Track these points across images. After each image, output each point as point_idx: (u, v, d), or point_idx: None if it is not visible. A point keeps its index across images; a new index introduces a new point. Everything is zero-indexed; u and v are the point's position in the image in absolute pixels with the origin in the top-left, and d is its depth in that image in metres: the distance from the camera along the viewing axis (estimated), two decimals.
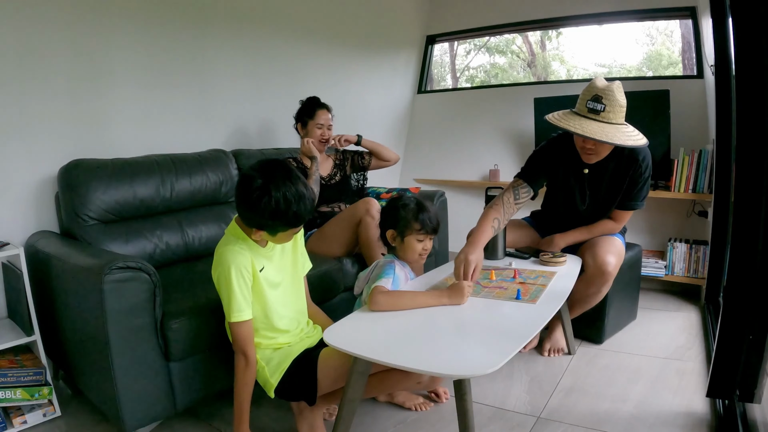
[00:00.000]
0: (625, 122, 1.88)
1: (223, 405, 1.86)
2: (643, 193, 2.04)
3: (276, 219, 1.39)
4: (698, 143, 2.84)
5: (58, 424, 1.77)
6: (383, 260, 1.74)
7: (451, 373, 1.20)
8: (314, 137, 2.55)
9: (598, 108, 1.81)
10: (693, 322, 2.53)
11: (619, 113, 1.83)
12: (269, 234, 1.45)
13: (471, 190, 3.78)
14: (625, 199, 2.05)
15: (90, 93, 2.15)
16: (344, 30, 3.41)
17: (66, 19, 2.04)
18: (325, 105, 2.61)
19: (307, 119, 2.57)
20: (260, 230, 1.44)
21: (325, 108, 2.59)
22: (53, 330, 1.83)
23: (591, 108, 1.82)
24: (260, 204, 1.36)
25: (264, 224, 1.42)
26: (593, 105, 1.82)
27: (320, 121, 2.55)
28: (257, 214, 1.39)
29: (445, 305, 1.54)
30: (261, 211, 1.37)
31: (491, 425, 1.69)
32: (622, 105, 1.83)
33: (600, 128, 1.80)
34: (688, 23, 3.17)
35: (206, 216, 2.30)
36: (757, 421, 1.51)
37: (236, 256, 1.44)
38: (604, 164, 2.01)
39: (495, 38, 7.29)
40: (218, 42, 2.64)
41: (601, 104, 1.81)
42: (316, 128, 2.55)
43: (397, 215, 1.73)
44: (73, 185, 1.92)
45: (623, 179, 2.01)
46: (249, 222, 1.45)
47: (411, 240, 1.72)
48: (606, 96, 1.81)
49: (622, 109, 1.84)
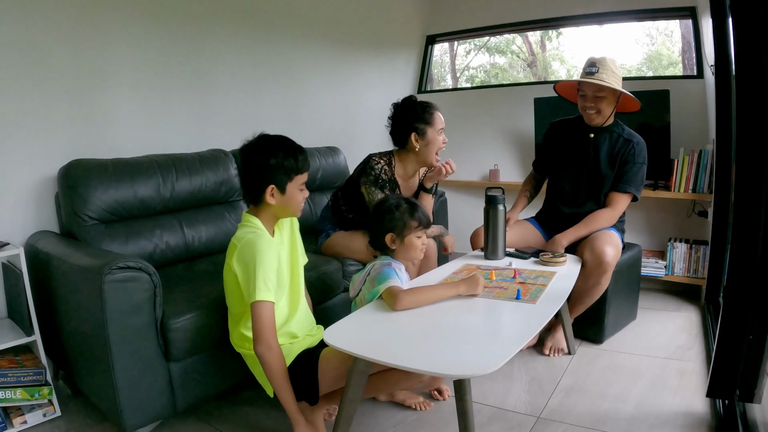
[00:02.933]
0: (620, 86, 2.13)
1: (224, 405, 1.86)
2: (637, 179, 2.18)
3: (280, 166, 1.51)
4: (698, 143, 2.84)
5: (58, 424, 1.77)
6: (379, 262, 1.73)
7: (451, 373, 1.20)
8: (435, 150, 2.15)
9: (593, 70, 2.13)
10: (693, 322, 2.53)
11: (612, 77, 2.10)
12: (279, 192, 1.53)
13: (471, 190, 3.77)
14: (618, 180, 2.19)
15: (90, 93, 2.15)
16: (344, 30, 3.41)
17: (66, 19, 2.04)
18: (433, 105, 2.20)
19: (425, 126, 2.14)
20: (268, 191, 1.51)
21: (435, 108, 2.19)
22: (53, 330, 1.83)
23: (587, 71, 2.14)
24: (265, 160, 1.50)
25: (271, 178, 1.51)
26: (589, 69, 2.14)
27: (440, 125, 2.17)
28: (264, 171, 1.51)
29: (462, 295, 1.58)
30: (265, 165, 1.50)
31: (491, 425, 1.69)
32: (614, 72, 2.11)
33: (594, 81, 2.10)
34: (688, 23, 3.17)
35: (206, 216, 2.30)
36: (757, 421, 1.51)
37: (263, 239, 1.50)
38: (603, 135, 2.22)
39: (495, 38, 7.29)
40: (218, 42, 2.64)
41: (595, 67, 2.12)
42: (438, 135, 2.15)
43: (393, 218, 1.72)
44: (73, 185, 1.92)
45: (616, 157, 2.19)
46: (257, 184, 1.52)
47: (411, 239, 1.73)
48: (599, 62, 2.13)
49: (614, 75, 2.11)
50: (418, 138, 2.16)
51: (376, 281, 1.62)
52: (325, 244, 2.32)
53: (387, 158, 2.24)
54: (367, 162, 2.23)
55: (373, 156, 2.24)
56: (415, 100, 2.23)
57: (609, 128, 2.21)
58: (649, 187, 2.88)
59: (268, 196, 1.53)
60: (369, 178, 2.18)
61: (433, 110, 2.18)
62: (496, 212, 2.03)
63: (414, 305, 1.51)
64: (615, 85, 2.10)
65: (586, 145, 2.24)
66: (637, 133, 2.21)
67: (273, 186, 1.53)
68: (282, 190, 1.54)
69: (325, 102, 3.32)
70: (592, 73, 2.11)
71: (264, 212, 1.58)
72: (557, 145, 2.35)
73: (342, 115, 3.46)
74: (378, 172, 2.18)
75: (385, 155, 2.26)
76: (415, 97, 2.25)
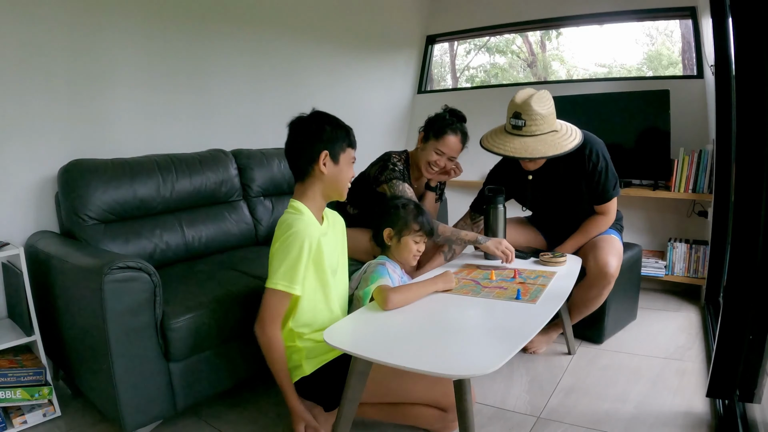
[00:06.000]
0: (554, 128, 1.92)
1: (224, 405, 1.86)
2: (609, 184, 2.04)
3: (334, 134, 1.52)
4: (698, 143, 2.84)
5: (58, 424, 1.77)
6: (375, 261, 1.74)
7: (451, 373, 1.20)
8: (424, 160, 2.15)
9: (519, 124, 1.89)
10: (693, 322, 2.53)
11: (542, 123, 1.88)
12: (332, 161, 1.52)
13: (471, 190, 3.76)
14: (594, 198, 2.08)
15: (90, 93, 2.15)
16: (344, 30, 3.41)
17: (66, 19, 2.04)
18: (462, 128, 2.14)
19: (432, 136, 2.13)
20: (322, 157, 1.50)
21: (459, 133, 2.12)
22: (53, 330, 1.83)
23: (514, 125, 1.91)
24: (321, 126, 1.52)
25: (326, 144, 1.51)
26: (515, 122, 1.90)
27: (444, 148, 2.11)
28: (320, 136, 1.51)
29: (439, 291, 1.62)
30: (322, 131, 1.51)
31: (491, 425, 1.69)
32: (542, 114, 1.88)
33: (522, 144, 1.88)
34: (688, 23, 3.17)
35: (206, 216, 2.30)
36: (757, 421, 1.51)
37: (308, 226, 1.48)
38: (550, 168, 2.07)
39: (495, 38, 7.29)
40: (218, 42, 2.64)
41: (521, 120, 1.88)
42: (435, 153, 2.12)
43: (397, 214, 1.74)
44: (73, 185, 1.92)
45: (579, 178, 2.04)
46: (311, 152, 1.51)
47: (408, 240, 1.74)
48: (524, 111, 1.88)
49: (544, 118, 1.88)
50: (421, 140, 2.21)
51: (369, 280, 1.62)
52: None
53: (404, 156, 2.26)
54: (388, 159, 2.21)
55: (392, 153, 2.24)
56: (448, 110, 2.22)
57: (550, 160, 2.02)
58: (649, 187, 2.88)
59: (320, 165, 1.51)
60: (394, 174, 2.14)
61: (447, 134, 2.13)
62: (496, 212, 2.02)
63: (403, 303, 1.51)
64: (542, 149, 1.87)
65: (525, 188, 2.16)
66: (586, 134, 2.01)
67: (327, 152, 1.51)
68: (335, 159, 1.53)
69: (325, 102, 3.27)
70: (520, 127, 1.89)
71: (311, 192, 1.55)
72: (507, 190, 2.10)
73: (342, 115, 3.39)
74: (402, 168, 2.19)
75: (402, 153, 2.27)
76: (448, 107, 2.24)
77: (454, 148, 2.13)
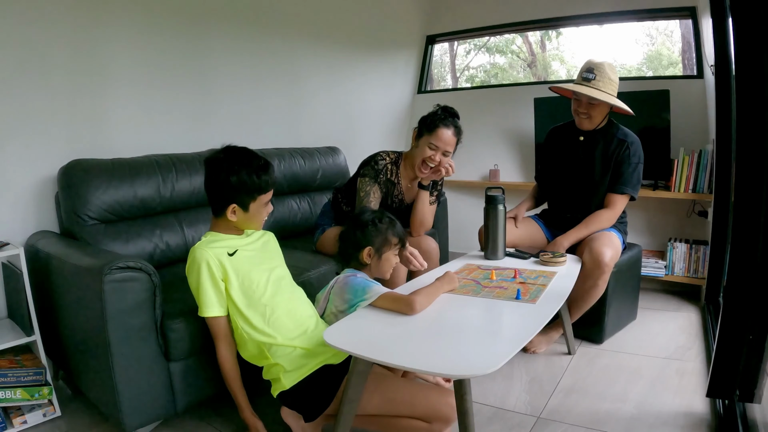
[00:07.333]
0: (614, 95, 2.13)
1: (224, 405, 1.86)
2: (633, 179, 2.17)
3: (242, 186, 1.50)
4: (698, 143, 2.84)
5: (58, 424, 1.77)
6: (342, 276, 1.65)
7: (451, 373, 1.20)
8: (419, 158, 2.10)
9: (590, 77, 2.12)
10: (693, 322, 2.53)
11: (608, 85, 2.11)
12: (242, 210, 1.53)
13: (471, 190, 3.77)
14: (614, 181, 2.18)
15: (90, 93, 2.15)
16: (344, 30, 3.41)
17: (66, 18, 2.04)
18: (455, 123, 2.11)
19: (425, 132, 2.11)
20: (230, 209, 1.52)
21: (452, 127, 2.09)
22: (53, 330, 1.83)
23: (584, 77, 2.14)
24: (227, 179, 1.49)
25: (233, 198, 1.51)
26: (586, 75, 2.13)
27: (437, 142, 2.07)
28: (227, 190, 1.51)
29: (445, 292, 1.62)
30: (227, 184, 1.49)
31: (491, 425, 1.69)
32: (611, 79, 2.12)
33: (589, 91, 2.10)
34: (688, 23, 3.17)
35: (206, 216, 2.28)
36: (757, 421, 1.51)
37: (204, 251, 1.51)
38: (595, 138, 2.23)
39: (495, 38, 7.28)
40: (218, 42, 2.64)
41: (592, 74, 2.12)
42: (428, 148, 2.08)
43: (375, 231, 1.67)
44: (73, 185, 1.92)
45: (611, 158, 2.19)
46: (220, 201, 1.53)
47: (389, 255, 1.71)
48: (597, 68, 2.12)
49: (611, 82, 2.12)
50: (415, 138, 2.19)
51: (355, 293, 1.56)
52: (320, 240, 2.32)
53: (395, 157, 2.24)
54: (374, 156, 2.22)
55: (381, 152, 2.23)
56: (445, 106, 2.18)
57: (602, 130, 2.22)
58: (649, 187, 2.88)
59: (229, 213, 1.54)
60: (369, 171, 2.16)
61: (439, 127, 2.08)
62: (496, 212, 2.02)
63: (427, 305, 1.50)
64: (609, 95, 2.10)
65: (575, 149, 2.27)
66: (632, 132, 2.22)
67: (235, 205, 1.53)
68: (245, 208, 1.54)
69: (325, 102, 3.32)
70: (589, 80, 2.11)
71: (224, 226, 1.60)
72: (552, 151, 2.39)
73: (342, 115, 3.46)
74: (380, 168, 2.18)
75: (394, 154, 2.25)
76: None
77: (448, 141, 2.09)
